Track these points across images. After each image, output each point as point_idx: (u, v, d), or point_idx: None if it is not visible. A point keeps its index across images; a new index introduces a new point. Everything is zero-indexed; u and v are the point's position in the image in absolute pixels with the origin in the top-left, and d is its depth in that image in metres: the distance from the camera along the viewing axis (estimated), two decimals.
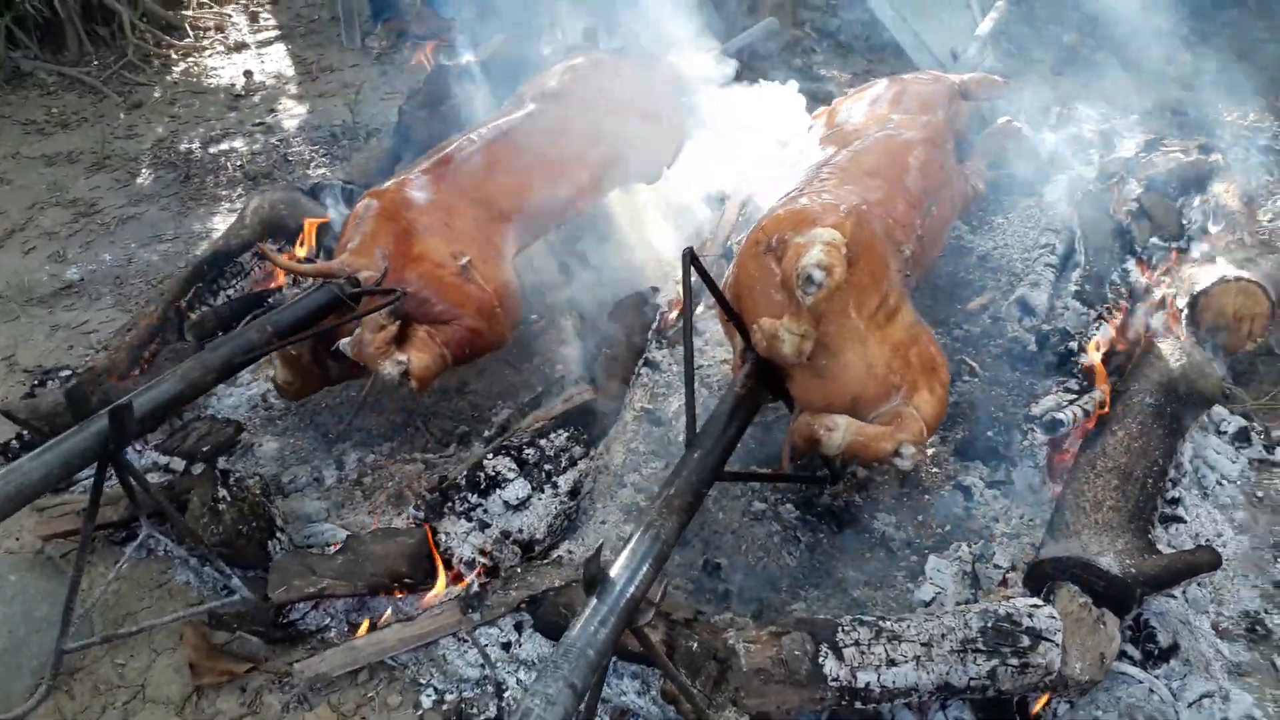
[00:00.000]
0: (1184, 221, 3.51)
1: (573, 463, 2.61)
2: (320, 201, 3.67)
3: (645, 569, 1.82)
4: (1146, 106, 5.03)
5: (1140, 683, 2.21)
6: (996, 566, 2.47)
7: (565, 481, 2.57)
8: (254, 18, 7.23)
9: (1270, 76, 5.07)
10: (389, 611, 2.38)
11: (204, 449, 2.79)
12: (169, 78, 6.15)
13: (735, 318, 2.33)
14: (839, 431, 2.13)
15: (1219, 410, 2.92)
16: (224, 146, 5.08)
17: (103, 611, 2.45)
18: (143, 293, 3.86)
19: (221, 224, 4.37)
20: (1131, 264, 3.47)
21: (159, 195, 4.63)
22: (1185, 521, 2.60)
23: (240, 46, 6.67)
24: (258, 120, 5.42)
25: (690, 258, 2.14)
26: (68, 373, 3.29)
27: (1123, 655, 2.23)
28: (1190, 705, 2.18)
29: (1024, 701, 2.12)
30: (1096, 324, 3.13)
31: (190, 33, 6.79)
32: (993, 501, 2.71)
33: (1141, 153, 3.95)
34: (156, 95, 5.85)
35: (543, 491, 2.53)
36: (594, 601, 1.76)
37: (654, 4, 4.34)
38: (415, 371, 2.51)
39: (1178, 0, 5.58)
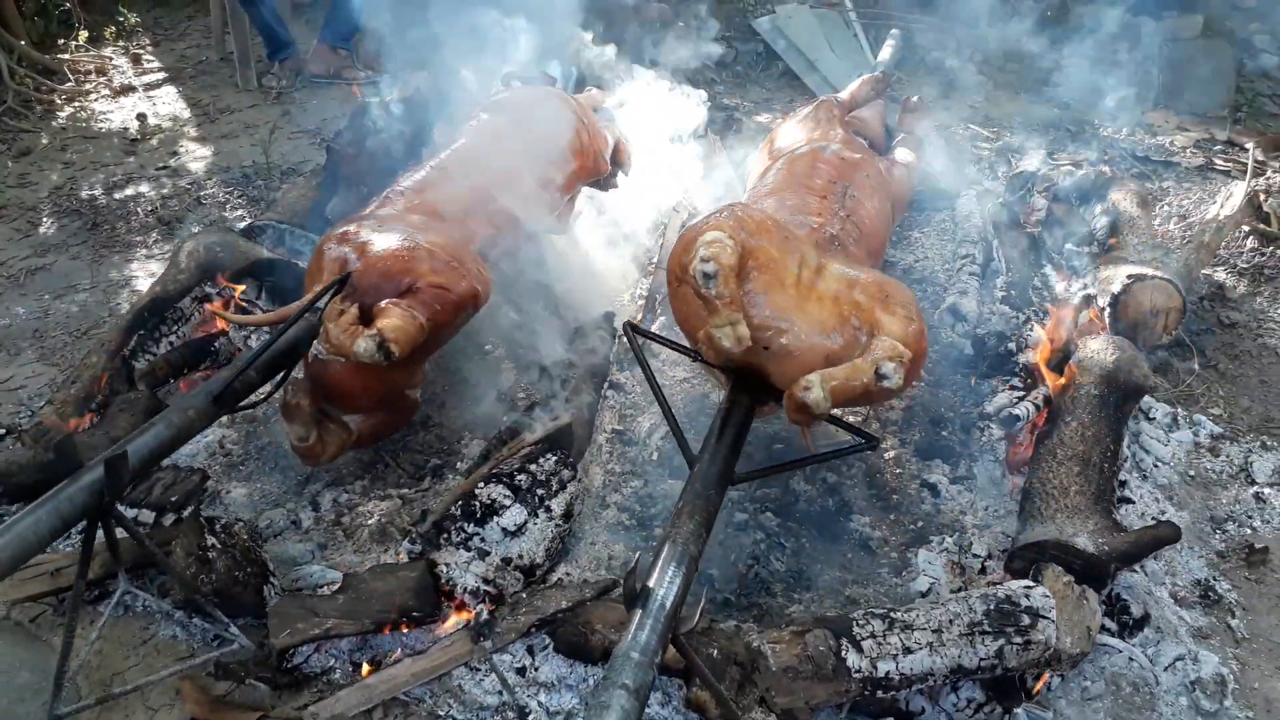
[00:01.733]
0: (1092, 228, 3.79)
1: (563, 485, 2.64)
2: (257, 242, 3.60)
3: (680, 580, 1.88)
4: (1030, 123, 5.40)
5: (1120, 652, 2.38)
6: (975, 555, 2.62)
7: (558, 505, 2.60)
8: (136, 60, 6.98)
9: (1137, 93, 5.49)
10: (398, 650, 2.35)
11: (172, 499, 2.70)
12: (55, 123, 5.89)
13: (688, 351, 2.50)
14: (815, 386, 2.13)
15: (1147, 399, 3.16)
16: (129, 191, 4.90)
17: (88, 674, 2.34)
18: (66, 345, 3.69)
19: (140, 271, 4.22)
20: (1049, 269, 3.72)
21: (66, 244, 4.43)
22: (1133, 502, 2.81)
23: (127, 89, 6.43)
24: (160, 164, 5.25)
25: (630, 329, 2.46)
26: (2, 431, 3.13)
27: (1102, 628, 2.40)
28: (1165, 669, 2.36)
29: (1023, 678, 2.26)
30: (1027, 326, 3.35)
31: (70, 77, 6.52)
32: (958, 496, 2.87)
33: (1047, 166, 4.23)
34: (45, 142, 5.59)
35: (537, 516, 2.55)
36: (639, 613, 1.81)
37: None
38: (389, 335, 2.39)
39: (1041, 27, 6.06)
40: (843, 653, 2.08)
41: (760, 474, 2.37)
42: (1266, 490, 2.94)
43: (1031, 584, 2.25)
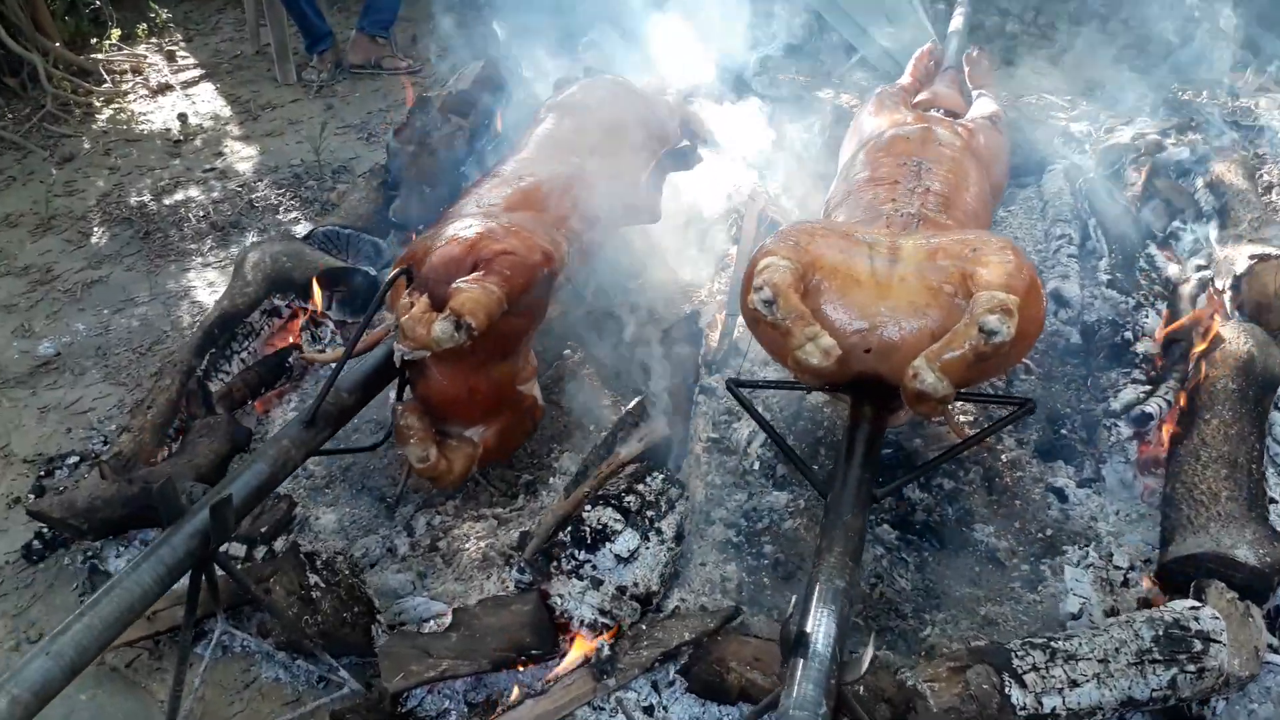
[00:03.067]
0: (1199, 203, 3.58)
1: (672, 505, 2.50)
2: (327, 250, 3.47)
3: (835, 622, 1.74)
4: (1107, 91, 5.16)
5: None
6: (1117, 567, 2.45)
7: (669, 527, 2.45)
8: (171, 57, 6.86)
9: (1217, 55, 5.25)
10: (515, 690, 2.22)
11: (262, 530, 2.59)
12: (95, 127, 5.78)
13: (797, 386, 2.48)
14: (923, 369, 1.97)
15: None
16: (179, 196, 4.78)
17: None
18: (132, 362, 3.58)
19: (198, 280, 4.10)
20: (1154, 249, 3.52)
21: (120, 255, 4.32)
22: (1275, 502, 2.63)
23: (164, 89, 6.31)
24: (208, 166, 5.13)
25: (733, 386, 2.36)
26: (75, 459, 3.03)
27: (1269, 648, 2.24)
28: None
29: (1188, 705, 2.10)
30: (1140, 311, 3.16)
31: (107, 77, 6.40)
32: (1087, 501, 2.71)
33: (1141, 138, 4.02)
34: (87, 147, 5.48)
35: (649, 540, 2.41)
36: (801, 664, 1.67)
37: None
38: (463, 309, 2.25)
39: None
40: (1006, 689, 1.93)
41: (907, 480, 2.19)
42: None
43: (1197, 604, 2.09)
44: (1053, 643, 2.02)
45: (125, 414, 3.15)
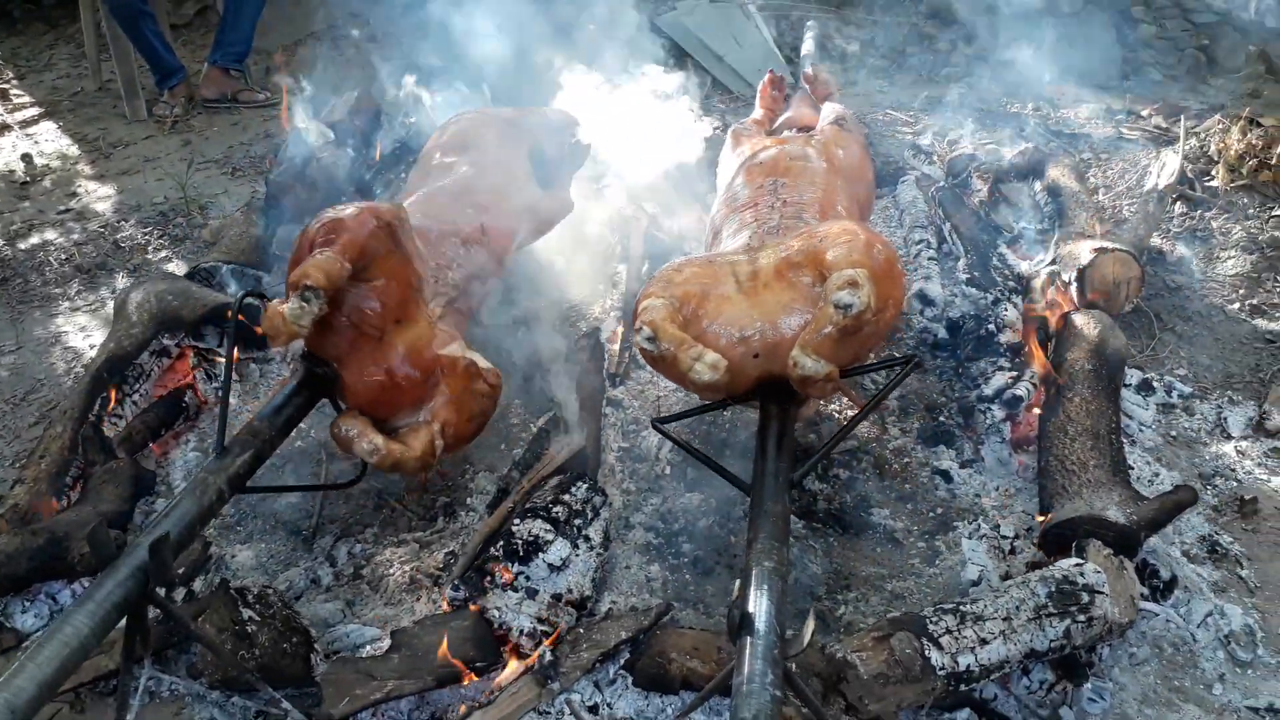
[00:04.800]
0: (1040, 205, 3.94)
1: (596, 512, 2.59)
2: (214, 287, 3.41)
3: (775, 601, 1.88)
4: (942, 107, 5.57)
5: (1157, 615, 2.48)
6: (1004, 536, 2.69)
7: (596, 533, 2.55)
8: (4, 96, 6.53)
9: (1035, 70, 5.74)
10: (461, 705, 2.27)
11: (179, 571, 2.54)
12: None
13: (714, 407, 2.60)
14: (799, 356, 2.15)
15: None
16: (34, 240, 4.57)
17: None
18: (7, 414, 3.42)
19: (67, 325, 3.95)
20: (1005, 249, 3.84)
21: None
22: (1132, 468, 2.93)
23: (2, 128, 6.01)
24: (62, 207, 4.92)
25: (657, 425, 2.48)
26: None
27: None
28: (1199, 626, 2.48)
29: (1082, 653, 2.33)
30: (999, 306, 3.46)
31: None
32: (970, 479, 2.95)
33: (981, 148, 4.37)
34: None
35: (578, 547, 2.49)
36: (749, 641, 1.80)
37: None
38: (302, 277, 2.25)
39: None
40: (926, 652, 2.11)
41: (818, 459, 2.33)
42: (1243, 443, 3.11)
43: (1080, 562, 2.33)
44: (961, 607, 2.21)
45: (13, 466, 3.02)
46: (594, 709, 2.27)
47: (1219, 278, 3.82)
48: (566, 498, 2.57)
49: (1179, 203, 4.15)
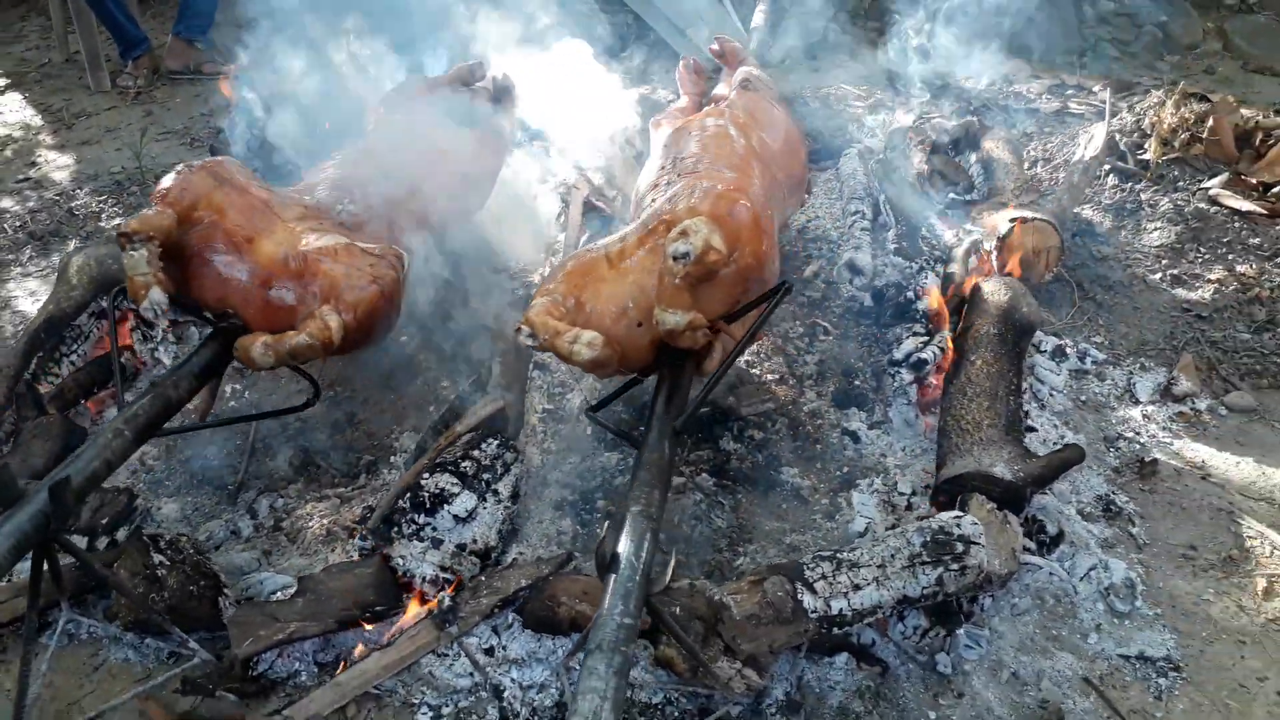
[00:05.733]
0: (971, 176, 4.01)
1: (507, 468, 2.68)
2: None
3: (645, 543, 1.97)
4: (898, 81, 5.62)
5: (1041, 568, 2.58)
6: (901, 493, 2.79)
7: (505, 487, 2.64)
8: None
9: (992, 45, 5.79)
10: (362, 645, 2.37)
11: (103, 521, 2.63)
12: None
13: (630, 385, 2.66)
14: (659, 314, 2.24)
15: (1039, 334, 3.39)
16: None
17: (42, 708, 2.28)
18: None
19: (18, 290, 4.02)
20: (934, 219, 3.92)
21: None
22: (1036, 430, 3.02)
23: None
24: (20, 176, 4.99)
25: (590, 414, 2.57)
26: None
27: (1024, 549, 2.60)
28: (1081, 579, 2.58)
29: (959, 602, 2.43)
30: (922, 274, 3.54)
31: None
32: (877, 440, 3.04)
33: (918, 121, 4.44)
34: None
35: (486, 500, 2.59)
36: (612, 579, 1.89)
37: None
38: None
39: None
40: (799, 595, 2.20)
41: (699, 402, 2.33)
42: (1149, 408, 3.21)
43: (960, 514, 2.42)
44: (839, 554, 2.31)
45: None
46: (490, 651, 2.37)
47: (1144, 248, 3.90)
48: (476, 453, 2.66)
49: (1111, 175, 4.23)
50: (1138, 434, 3.12)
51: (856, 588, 2.24)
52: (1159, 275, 3.75)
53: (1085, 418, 3.18)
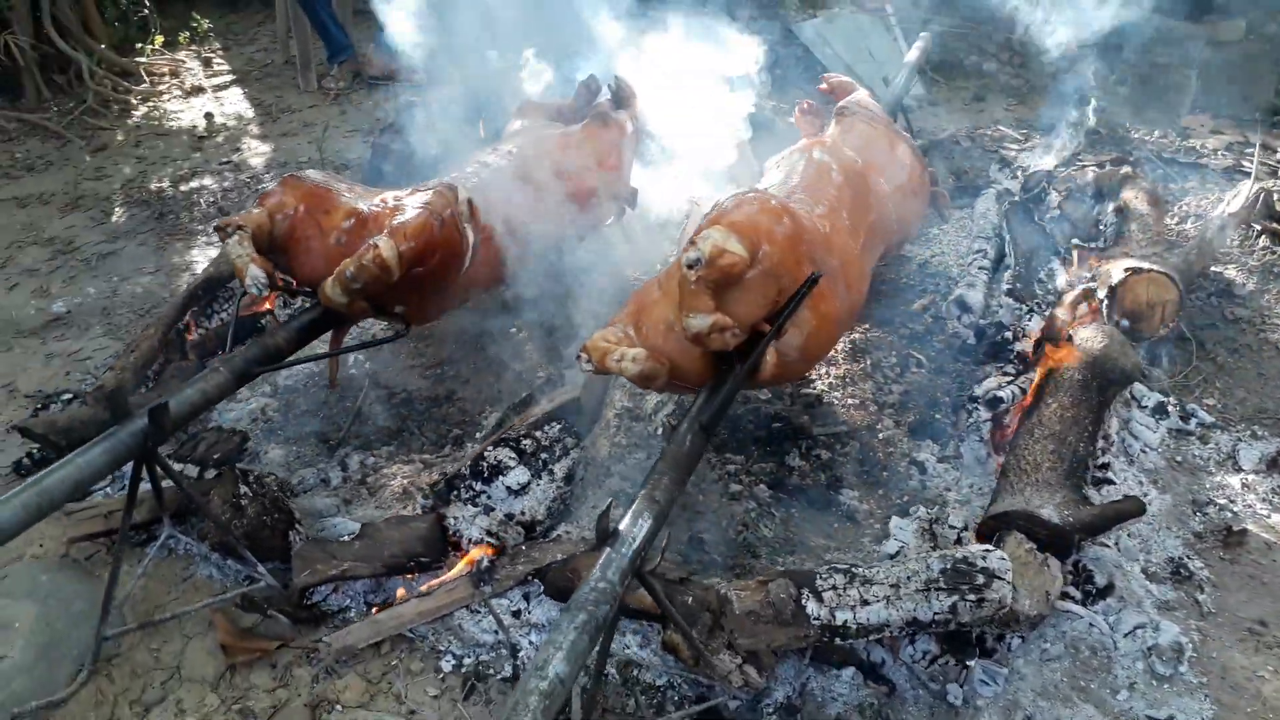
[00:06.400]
0: (1100, 224, 3.89)
1: (565, 452, 2.85)
2: None
3: (647, 522, 2.07)
4: (1063, 127, 5.46)
5: (1081, 618, 2.51)
6: (952, 527, 2.76)
7: (560, 469, 2.81)
8: (208, 63, 7.41)
9: (1174, 99, 5.55)
10: (401, 589, 2.58)
11: (214, 456, 2.97)
12: (130, 121, 6.30)
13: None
14: (686, 321, 2.31)
15: (1140, 388, 3.26)
16: (194, 184, 5.25)
17: (134, 606, 2.62)
18: (131, 322, 4.01)
19: (200, 256, 4.54)
20: (1056, 264, 3.83)
21: (135, 232, 4.78)
22: (1114, 484, 2.91)
23: (197, 91, 6.84)
24: (224, 159, 5.61)
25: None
26: (69, 395, 3.45)
27: (1066, 596, 2.53)
28: (1125, 635, 2.48)
29: (982, 637, 2.40)
30: (1028, 316, 3.47)
31: (146, 78, 6.94)
32: (945, 474, 3.01)
33: (1061, 166, 4.33)
34: (120, 139, 6.00)
35: (540, 478, 2.76)
36: (607, 550, 2.01)
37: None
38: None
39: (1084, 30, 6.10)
40: (803, 600, 2.25)
41: (725, 404, 2.37)
42: (1252, 477, 3.03)
43: (990, 549, 2.39)
44: (854, 569, 2.33)
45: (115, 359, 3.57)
46: (516, 614, 2.52)
47: None
48: (538, 434, 2.84)
49: (1263, 237, 3.99)
50: (1232, 501, 2.95)
51: (865, 603, 2.27)
52: None
53: (1177, 478, 3.04)
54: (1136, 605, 2.56)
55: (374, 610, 2.55)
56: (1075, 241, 3.84)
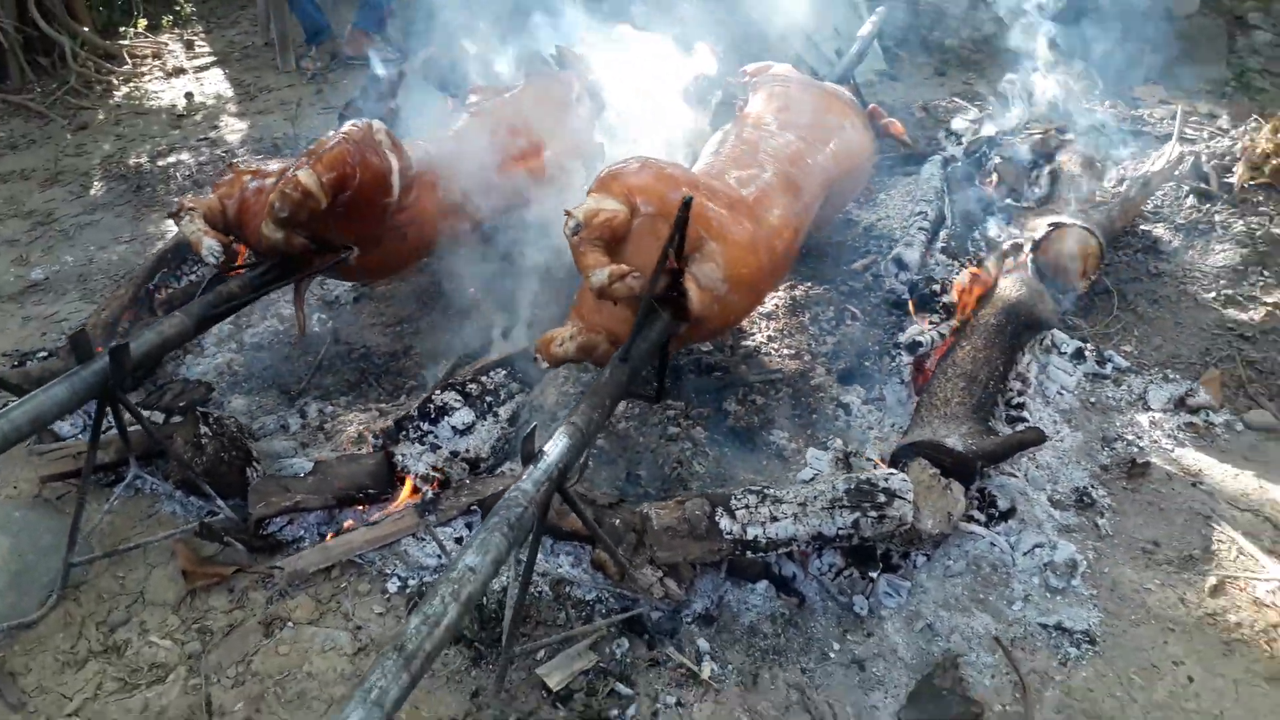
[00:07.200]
0: (1035, 186, 4.06)
1: (510, 396, 3.03)
2: None
3: (568, 443, 2.25)
4: (1013, 97, 5.63)
5: (983, 538, 2.69)
6: (869, 460, 2.94)
7: (505, 411, 2.99)
8: (189, 45, 7.56)
9: (1128, 69, 5.72)
10: (350, 520, 2.76)
11: (180, 404, 3.15)
12: (111, 101, 6.46)
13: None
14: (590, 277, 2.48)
15: (1060, 335, 3.44)
16: (171, 159, 5.42)
17: (100, 538, 2.80)
18: (106, 287, 4.18)
19: (174, 227, 4.70)
20: (990, 223, 4.00)
21: (113, 204, 4.95)
22: (1027, 420, 3.09)
23: (178, 72, 7.00)
24: (202, 136, 5.77)
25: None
26: (44, 354, 3.62)
27: (971, 519, 2.72)
28: (1024, 554, 2.67)
29: (887, 554, 2.59)
30: (959, 271, 3.65)
31: (128, 60, 7.10)
32: (868, 415, 3.19)
33: (1004, 134, 4.50)
34: (101, 117, 6.16)
35: (485, 419, 2.94)
36: (530, 468, 2.18)
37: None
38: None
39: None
40: (716, 517, 2.43)
41: (633, 338, 2.54)
42: (1159, 415, 3.21)
43: (894, 471, 2.57)
44: (766, 490, 2.51)
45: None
46: (459, 540, 2.71)
47: (1205, 268, 3.84)
48: (484, 379, 3.02)
49: (1190, 196, 4.16)
50: (1139, 437, 3.13)
51: (774, 519, 2.45)
52: (1212, 294, 3.70)
53: (1090, 418, 3.22)
54: (1037, 528, 2.74)
55: (326, 539, 2.73)
56: (1009, 202, 4.02)
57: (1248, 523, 2.82)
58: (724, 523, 2.43)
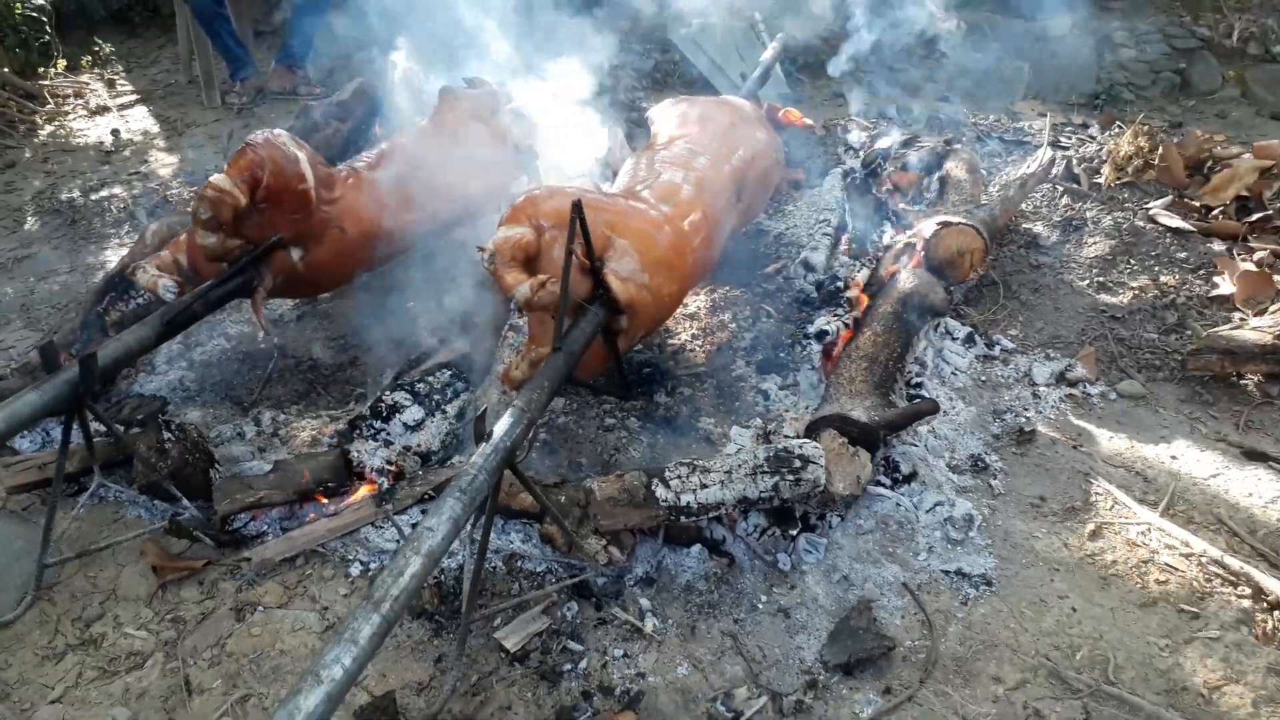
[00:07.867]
0: (924, 191, 4.46)
1: (456, 394, 3.26)
2: None
3: (513, 421, 2.50)
4: (911, 117, 6.08)
5: (890, 499, 3.01)
6: (786, 436, 3.24)
7: (452, 408, 3.22)
8: (111, 84, 7.64)
9: (1009, 86, 6.22)
10: (312, 514, 2.96)
11: (138, 417, 3.31)
12: (36, 140, 6.52)
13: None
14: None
15: (952, 323, 3.81)
16: (105, 194, 5.52)
17: (70, 542, 2.95)
18: (50, 315, 4.30)
19: (113, 256, 4.83)
20: (887, 226, 4.38)
21: (49, 238, 5.05)
22: (925, 397, 3.44)
23: (102, 110, 7.08)
24: (132, 170, 5.88)
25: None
26: None
27: (878, 483, 3.03)
28: (927, 511, 2.99)
29: (806, 515, 2.88)
30: (859, 270, 4.00)
31: (50, 100, 7.15)
32: (785, 399, 3.51)
33: (897, 146, 4.90)
34: (28, 155, 6.22)
35: (434, 415, 3.17)
36: (483, 446, 2.43)
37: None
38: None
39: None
40: (653, 487, 2.70)
41: (569, 329, 2.91)
42: (1043, 389, 3.58)
43: (807, 440, 2.88)
44: (696, 462, 2.80)
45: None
46: (415, 526, 2.92)
47: (1080, 259, 4.26)
48: (431, 379, 3.25)
49: (1064, 196, 4.60)
50: (1025, 409, 3.50)
51: (704, 486, 2.73)
52: (1086, 282, 4.12)
53: (981, 394, 3.58)
54: (938, 489, 3.07)
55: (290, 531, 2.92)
56: (902, 206, 4.40)
57: (1121, 477, 3.19)
58: (660, 491, 2.70)
